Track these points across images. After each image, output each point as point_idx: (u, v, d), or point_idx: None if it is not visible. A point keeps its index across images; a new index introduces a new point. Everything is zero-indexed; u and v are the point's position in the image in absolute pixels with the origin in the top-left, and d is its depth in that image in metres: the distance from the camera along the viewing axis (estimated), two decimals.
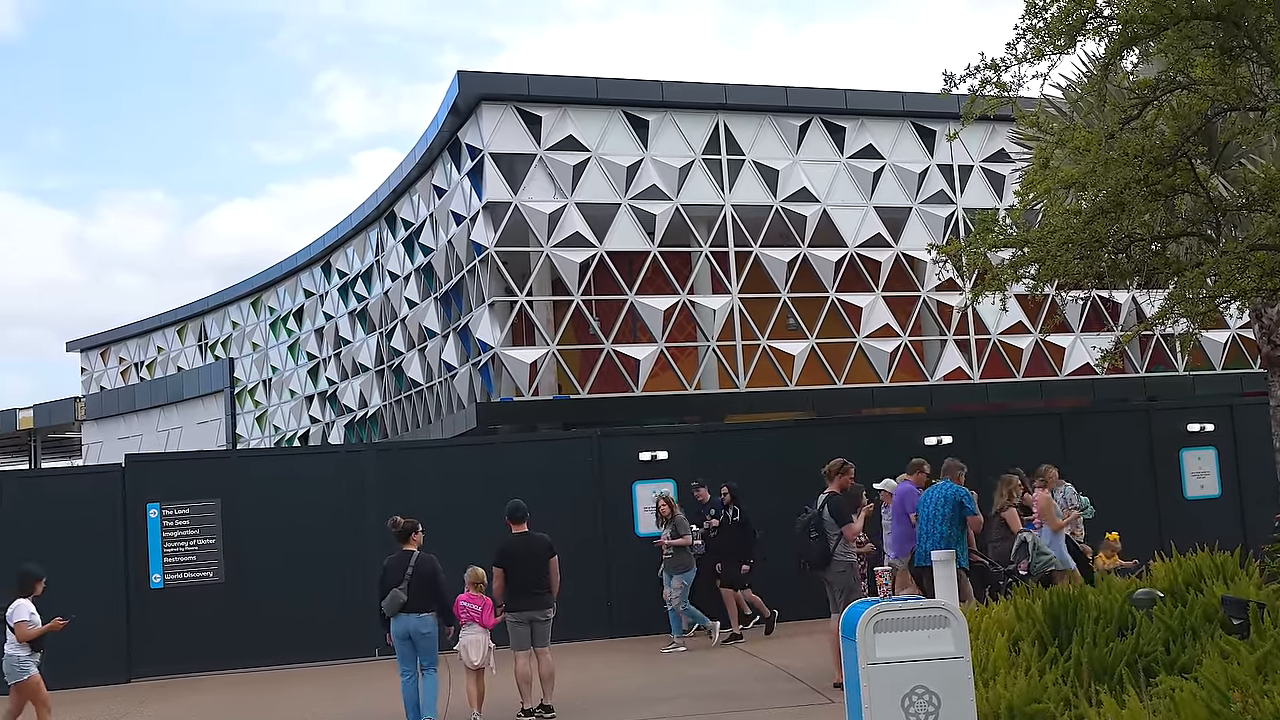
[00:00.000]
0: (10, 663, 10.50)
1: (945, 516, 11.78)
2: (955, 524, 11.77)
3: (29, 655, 10.50)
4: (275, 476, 16.78)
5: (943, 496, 11.92)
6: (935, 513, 11.89)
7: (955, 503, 11.84)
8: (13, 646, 10.49)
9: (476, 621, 11.05)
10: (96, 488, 16.43)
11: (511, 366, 28.15)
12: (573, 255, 28.50)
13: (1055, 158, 11.91)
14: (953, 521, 11.76)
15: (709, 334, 29.74)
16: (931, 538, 11.73)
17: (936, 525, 11.79)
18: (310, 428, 44.34)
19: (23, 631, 10.42)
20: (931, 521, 11.88)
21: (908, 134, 31.48)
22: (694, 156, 29.92)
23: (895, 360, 30.74)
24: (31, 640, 10.48)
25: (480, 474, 16.51)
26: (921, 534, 12.05)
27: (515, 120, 28.72)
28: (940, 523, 11.76)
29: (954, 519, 11.77)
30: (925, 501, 12.17)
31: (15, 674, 10.46)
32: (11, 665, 10.47)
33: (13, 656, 10.48)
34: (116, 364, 58.24)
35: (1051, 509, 13.59)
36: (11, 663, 10.46)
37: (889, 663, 6.49)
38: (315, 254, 43.33)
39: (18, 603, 10.64)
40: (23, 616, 10.51)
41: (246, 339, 49.91)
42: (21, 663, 10.45)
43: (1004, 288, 13.51)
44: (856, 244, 30.72)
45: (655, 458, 17.29)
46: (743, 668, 13.27)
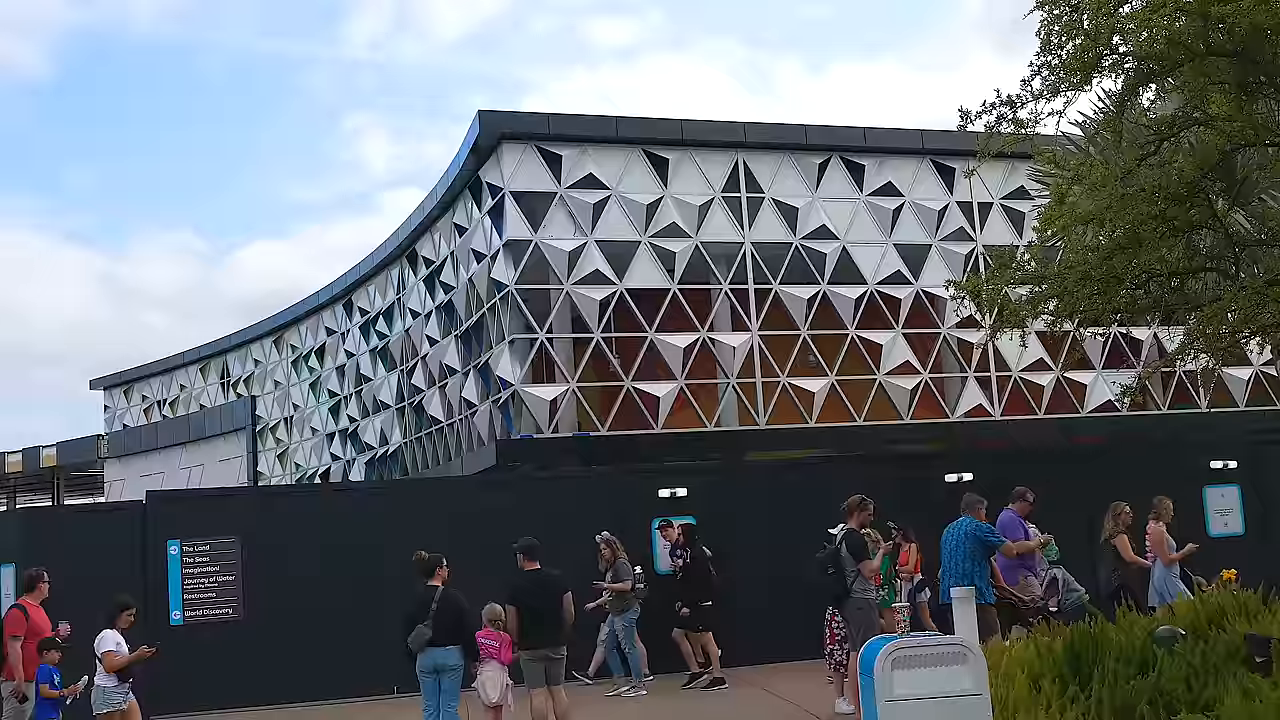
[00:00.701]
0: (99, 694, 10.49)
1: (967, 553, 11.71)
2: (977, 560, 11.70)
3: (116, 685, 10.53)
4: (296, 514, 16.74)
5: (963, 533, 11.85)
6: (958, 548, 11.81)
7: (975, 539, 11.76)
8: (101, 677, 10.54)
9: (494, 658, 11.02)
10: (117, 524, 16.41)
11: (531, 404, 28.32)
12: (593, 293, 28.72)
13: (1072, 194, 11.91)
14: (974, 558, 11.69)
15: (729, 371, 29.84)
16: (956, 574, 11.65)
17: (959, 561, 11.71)
18: (331, 465, 44.63)
19: (110, 661, 10.46)
20: (955, 557, 11.80)
21: (927, 171, 31.67)
22: (714, 194, 30.16)
23: (916, 397, 30.79)
24: (119, 670, 10.52)
25: (500, 511, 16.16)
26: (945, 571, 11.99)
27: (536, 159, 29.04)
28: (962, 559, 11.69)
29: (975, 555, 11.70)
30: (947, 539, 12.08)
31: (103, 704, 10.51)
32: (100, 696, 10.50)
33: (101, 687, 10.51)
34: (139, 401, 58.81)
35: (1164, 542, 13.44)
36: (100, 694, 10.50)
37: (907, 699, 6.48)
38: (337, 292, 43.76)
39: (104, 633, 10.70)
40: (109, 646, 10.56)
41: (268, 377, 50.35)
42: (109, 694, 10.51)
43: (1023, 324, 13.57)
44: (876, 281, 30.85)
45: (675, 494, 17.05)
46: (762, 706, 13.16)
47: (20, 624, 11.18)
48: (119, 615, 10.85)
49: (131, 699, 10.72)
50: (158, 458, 53.56)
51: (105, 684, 10.47)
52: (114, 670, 10.47)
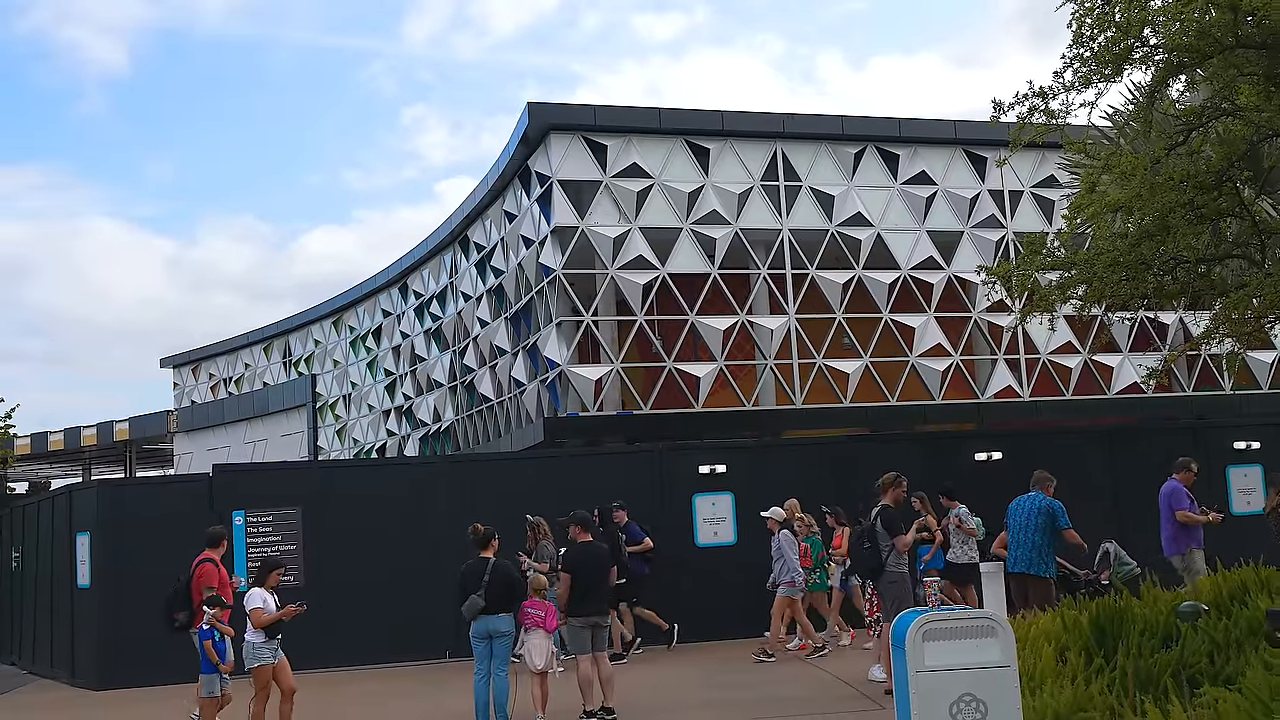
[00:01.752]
0: (248, 649, 10.67)
1: (1038, 526, 12.03)
2: (1047, 533, 12.04)
3: (265, 641, 10.69)
4: (354, 487, 17.22)
5: (1036, 507, 12.15)
6: (1028, 522, 12.12)
7: (1048, 513, 12.08)
8: (251, 634, 10.69)
9: (540, 627, 11.27)
10: (186, 496, 16.91)
11: (577, 383, 29.30)
12: (636, 277, 29.65)
13: (1102, 182, 12.02)
14: (1044, 531, 12.02)
15: (767, 353, 30.69)
16: (1023, 545, 12.04)
17: (1030, 534, 12.04)
18: (387, 440, 45.81)
19: (257, 618, 10.62)
20: (1025, 530, 12.11)
21: (960, 161, 32.33)
22: (753, 183, 31.00)
23: (947, 379, 31.52)
24: (266, 626, 10.68)
25: (547, 486, 16.82)
26: (1013, 541, 12.28)
27: (582, 149, 29.95)
28: (1034, 532, 12.02)
29: (1046, 529, 12.03)
30: (1017, 510, 12.37)
31: (253, 659, 10.68)
32: (250, 651, 10.68)
33: (250, 643, 10.69)
34: (206, 379, 60.24)
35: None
36: (249, 649, 10.69)
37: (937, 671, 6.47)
38: (393, 276, 44.91)
39: (252, 591, 10.87)
40: (256, 604, 10.68)
41: (328, 356, 51.60)
42: (258, 649, 10.66)
43: (1052, 308, 13.76)
44: (909, 266, 31.60)
45: (714, 471, 17.58)
46: (796, 674, 13.36)
47: (212, 576, 11.92)
48: (267, 575, 11.03)
49: (281, 655, 10.90)
50: (224, 433, 54.87)
51: (254, 640, 10.68)
52: (261, 626, 10.64)
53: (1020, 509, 12.37)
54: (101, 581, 16.26)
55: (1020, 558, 12.13)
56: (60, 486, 31.39)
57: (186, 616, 11.97)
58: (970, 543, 14.75)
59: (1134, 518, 17.00)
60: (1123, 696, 7.72)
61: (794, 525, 15.01)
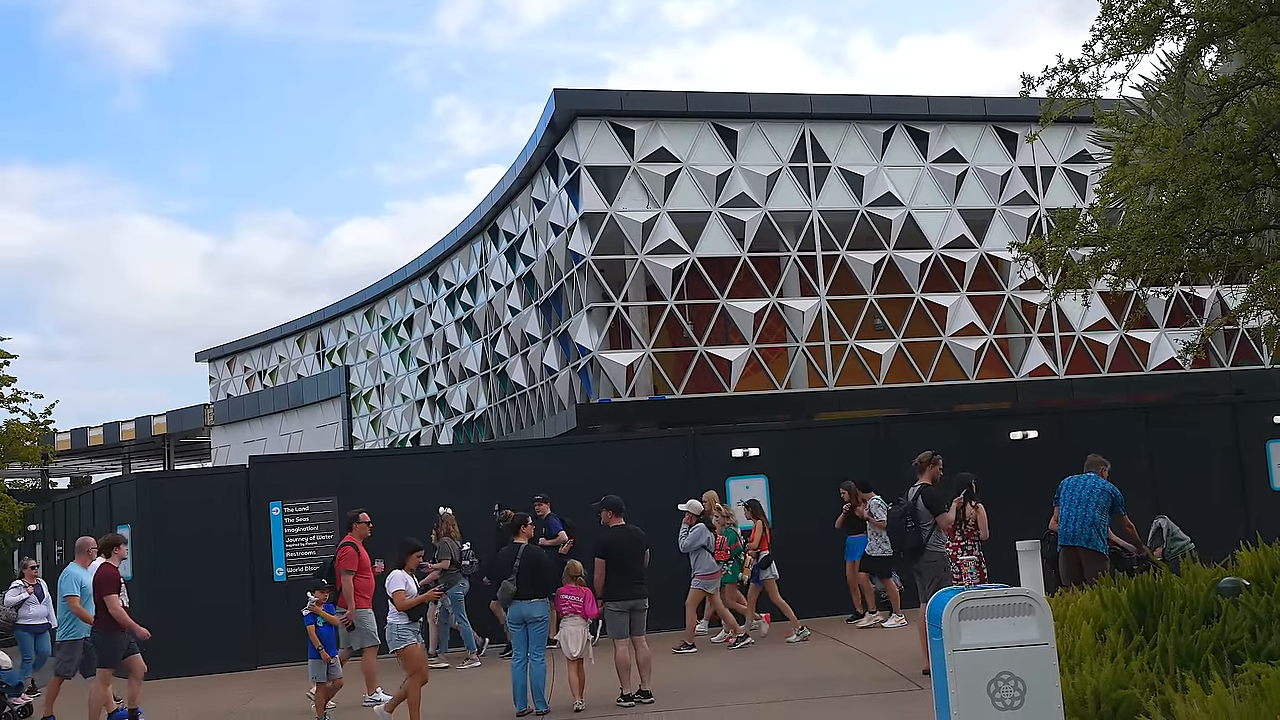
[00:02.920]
0: (392, 631, 10.73)
1: (1097, 503, 12.12)
2: (1106, 512, 12.10)
3: (407, 624, 10.76)
4: (389, 476, 17.35)
5: (1096, 486, 12.26)
6: (1087, 498, 12.19)
7: (1110, 495, 12.19)
8: (394, 616, 10.74)
9: (577, 613, 11.30)
10: (223, 487, 17.21)
11: (609, 369, 29.38)
12: (666, 262, 29.64)
13: (1134, 156, 11.81)
14: (1104, 510, 12.10)
15: (798, 335, 30.66)
16: (1081, 520, 12.10)
17: (1089, 510, 12.11)
18: (421, 430, 46.04)
19: (400, 600, 10.69)
20: (1083, 505, 12.16)
21: (990, 138, 32.12)
22: (781, 165, 30.92)
23: (981, 358, 31.37)
24: (408, 609, 10.78)
25: (581, 472, 16.84)
26: (1067, 516, 12.31)
27: (609, 134, 29.98)
28: (1092, 508, 12.11)
29: (1105, 507, 12.11)
30: (1072, 486, 12.40)
31: (397, 641, 10.74)
32: (394, 633, 10.74)
33: (394, 625, 10.75)
34: (242, 372, 60.74)
35: None
36: (393, 631, 10.75)
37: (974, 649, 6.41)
38: (423, 266, 45.06)
39: (393, 574, 10.94)
40: (398, 586, 10.78)
41: (361, 347, 51.90)
42: (401, 631, 10.72)
43: (1087, 284, 13.52)
44: (941, 246, 31.45)
45: (747, 454, 17.59)
46: (833, 655, 13.46)
47: (353, 560, 12.33)
48: (407, 557, 11.14)
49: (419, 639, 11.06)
50: (259, 425, 55.36)
51: (398, 622, 10.72)
52: (404, 609, 10.71)
53: (1077, 486, 12.40)
54: (142, 573, 16.43)
55: (1076, 532, 12.16)
56: (100, 481, 31.78)
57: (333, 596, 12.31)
58: (884, 535, 14.58)
59: (1171, 495, 16.97)
60: (1163, 673, 7.65)
61: (712, 518, 15.09)
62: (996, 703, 6.39)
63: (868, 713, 10.09)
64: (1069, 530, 12.26)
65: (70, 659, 12.80)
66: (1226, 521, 17.21)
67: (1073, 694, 7.41)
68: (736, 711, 10.74)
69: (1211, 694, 6.63)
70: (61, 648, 13.02)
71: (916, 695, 10.33)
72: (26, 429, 30.22)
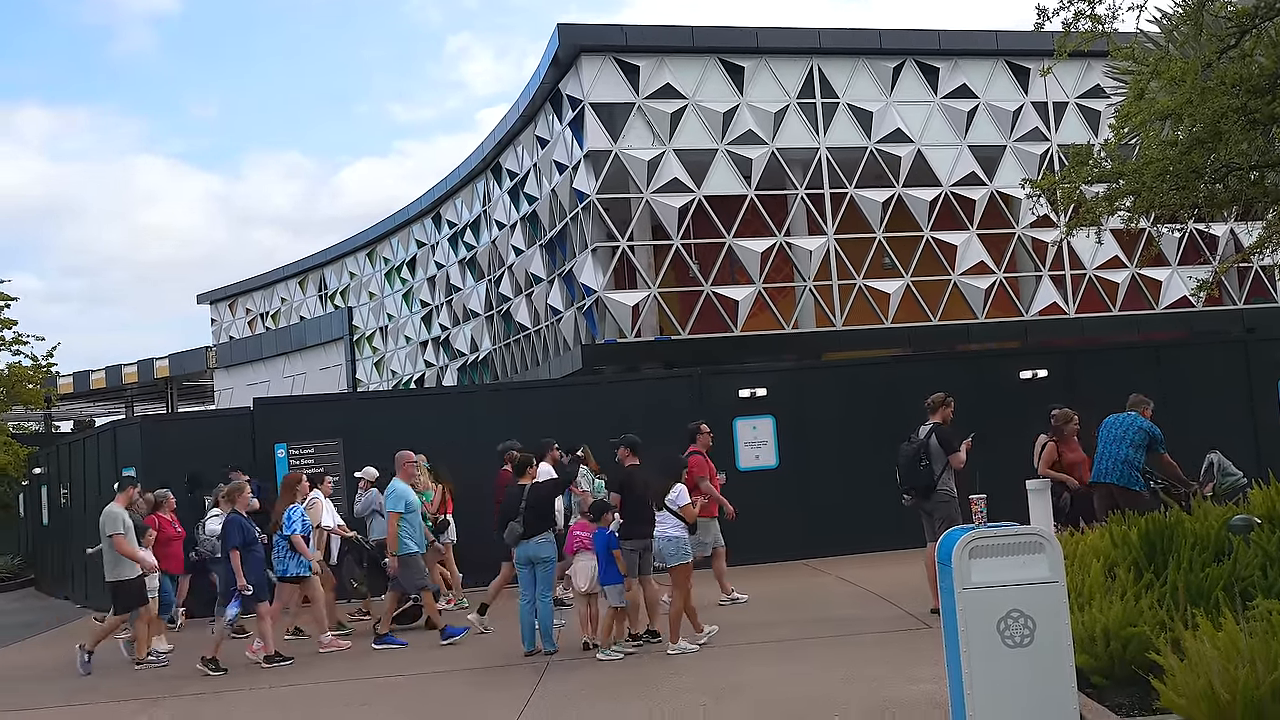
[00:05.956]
0: (677, 544, 10.79)
1: (1133, 441, 11.96)
2: (1141, 450, 11.95)
3: (689, 538, 10.87)
4: (393, 417, 17.26)
5: (1135, 424, 12.08)
6: (1122, 435, 12.05)
7: (1147, 433, 12.00)
8: (678, 529, 10.81)
9: (588, 549, 11.28)
10: (228, 430, 17.09)
11: (614, 309, 29.26)
12: (672, 200, 29.38)
13: (1150, 89, 11.65)
14: (1139, 447, 11.94)
15: (805, 274, 30.45)
16: (1113, 457, 11.99)
17: (1123, 447, 11.97)
18: (425, 371, 46.02)
19: (689, 513, 10.82)
20: (1118, 444, 12.03)
21: (1002, 73, 31.63)
22: (789, 101, 30.52)
23: (990, 297, 31.15)
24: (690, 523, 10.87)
25: (587, 413, 16.71)
26: (1101, 453, 12.20)
27: (614, 70, 29.59)
28: (1126, 445, 11.96)
29: (1141, 445, 11.96)
30: (1110, 425, 12.27)
31: (679, 556, 10.79)
32: (679, 546, 10.80)
33: (678, 539, 10.82)
34: (244, 315, 60.77)
35: None
36: (678, 544, 10.81)
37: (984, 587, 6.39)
38: (425, 206, 44.79)
39: (678, 486, 10.99)
40: (687, 500, 10.87)
41: (363, 288, 51.82)
42: (684, 544, 10.82)
43: (1099, 221, 13.49)
44: (951, 183, 31.11)
45: (755, 394, 17.47)
46: (842, 594, 13.47)
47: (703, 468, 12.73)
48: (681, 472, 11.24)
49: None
50: (262, 367, 55.34)
51: (683, 535, 10.83)
52: (692, 521, 10.92)
53: (1115, 424, 12.25)
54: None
55: (1107, 469, 12.03)
56: (105, 424, 31.70)
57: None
58: None
59: (1182, 434, 16.74)
60: (1174, 611, 7.60)
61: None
62: (1006, 640, 6.36)
63: (877, 652, 10.05)
64: (1100, 467, 12.17)
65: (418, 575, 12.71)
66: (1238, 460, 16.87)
67: (1082, 632, 7.38)
68: (747, 650, 10.71)
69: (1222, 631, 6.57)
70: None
71: (926, 633, 10.35)
72: (29, 372, 30.11)
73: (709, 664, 10.19)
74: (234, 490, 12.42)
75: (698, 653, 10.63)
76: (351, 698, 10.19)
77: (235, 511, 12.07)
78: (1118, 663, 7.40)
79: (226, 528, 12.00)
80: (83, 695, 11.25)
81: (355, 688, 10.59)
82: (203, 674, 11.46)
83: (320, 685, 10.84)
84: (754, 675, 9.65)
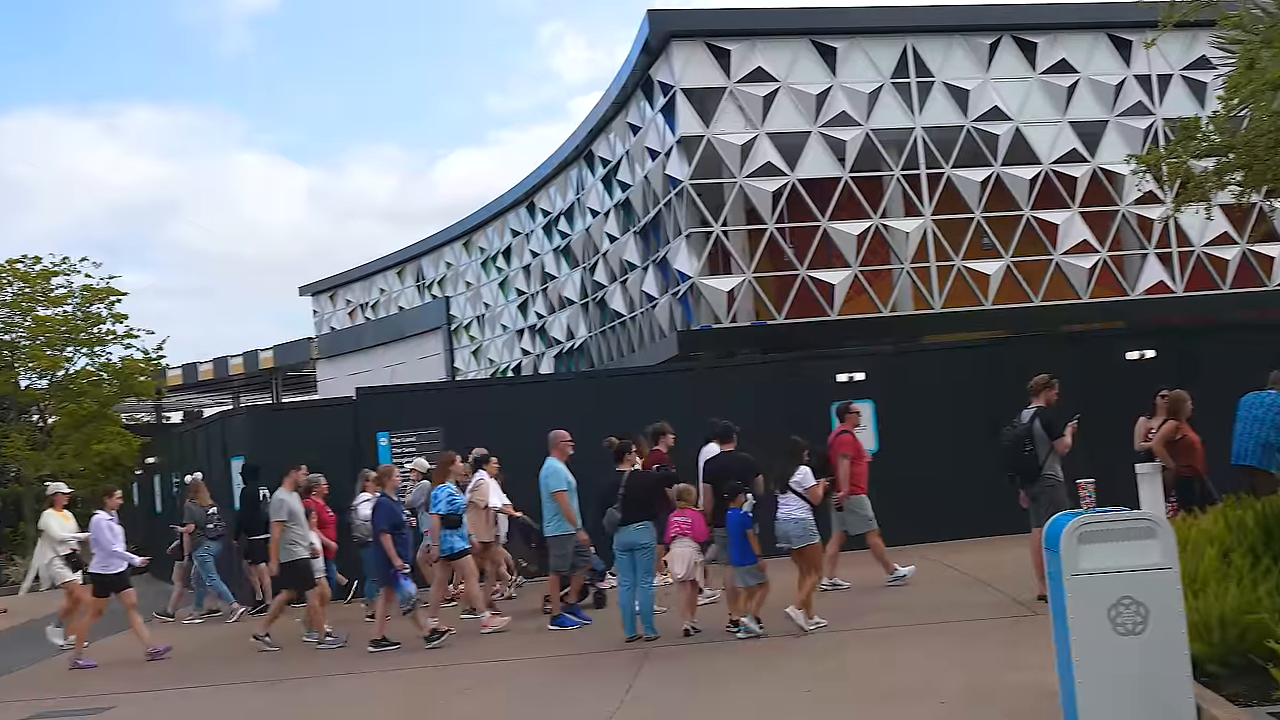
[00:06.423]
0: (803, 526, 10.88)
1: (1273, 422, 11.55)
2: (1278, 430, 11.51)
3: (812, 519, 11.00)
4: (492, 405, 17.31)
5: (1275, 404, 11.65)
6: (1264, 416, 11.64)
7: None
8: (804, 511, 10.93)
9: (686, 535, 11.25)
10: (332, 419, 17.34)
11: (709, 295, 29.17)
12: (765, 184, 29.18)
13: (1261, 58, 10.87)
14: (1276, 428, 11.50)
15: (902, 256, 30.05)
16: (1253, 438, 11.62)
17: (1264, 429, 11.58)
18: (522, 359, 46.40)
19: (815, 494, 10.96)
20: (1259, 424, 11.63)
21: (1103, 46, 30.84)
22: (883, 81, 30.11)
23: (1094, 276, 30.44)
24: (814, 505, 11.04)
25: (683, 399, 16.51)
26: (1239, 434, 11.81)
27: (705, 55, 29.44)
28: (1269, 428, 11.55)
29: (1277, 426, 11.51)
30: (1248, 404, 11.88)
31: (807, 537, 10.89)
32: (801, 528, 10.89)
33: (804, 520, 10.91)
34: (344, 305, 61.82)
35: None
36: (803, 526, 10.90)
37: (1094, 574, 6.22)
38: (520, 195, 45.09)
39: (802, 468, 11.07)
40: (811, 481, 11.01)
41: (460, 278, 52.35)
42: (810, 526, 10.92)
43: (1208, 197, 12.84)
44: (1051, 160, 30.43)
45: (852, 379, 17.20)
46: (946, 580, 13.33)
47: (849, 446, 12.97)
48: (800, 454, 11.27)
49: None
50: (363, 357, 56.14)
51: (809, 518, 10.92)
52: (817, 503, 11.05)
53: (1253, 404, 11.83)
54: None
55: (1246, 450, 11.63)
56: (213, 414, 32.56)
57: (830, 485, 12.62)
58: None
59: None
60: None
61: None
62: (1118, 628, 6.20)
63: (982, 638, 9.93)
64: (1238, 448, 11.75)
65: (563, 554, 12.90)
66: None
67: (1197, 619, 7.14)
68: (851, 637, 10.66)
69: None
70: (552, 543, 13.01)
71: (1032, 620, 10.14)
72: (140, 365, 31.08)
73: (811, 650, 10.15)
74: (383, 473, 12.63)
75: (801, 639, 10.57)
76: (457, 682, 10.33)
77: (384, 494, 12.27)
78: (1234, 651, 7.17)
79: (376, 510, 12.22)
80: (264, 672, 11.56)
81: (462, 672, 10.73)
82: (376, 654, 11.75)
83: (425, 669, 11.03)
84: (856, 661, 9.61)
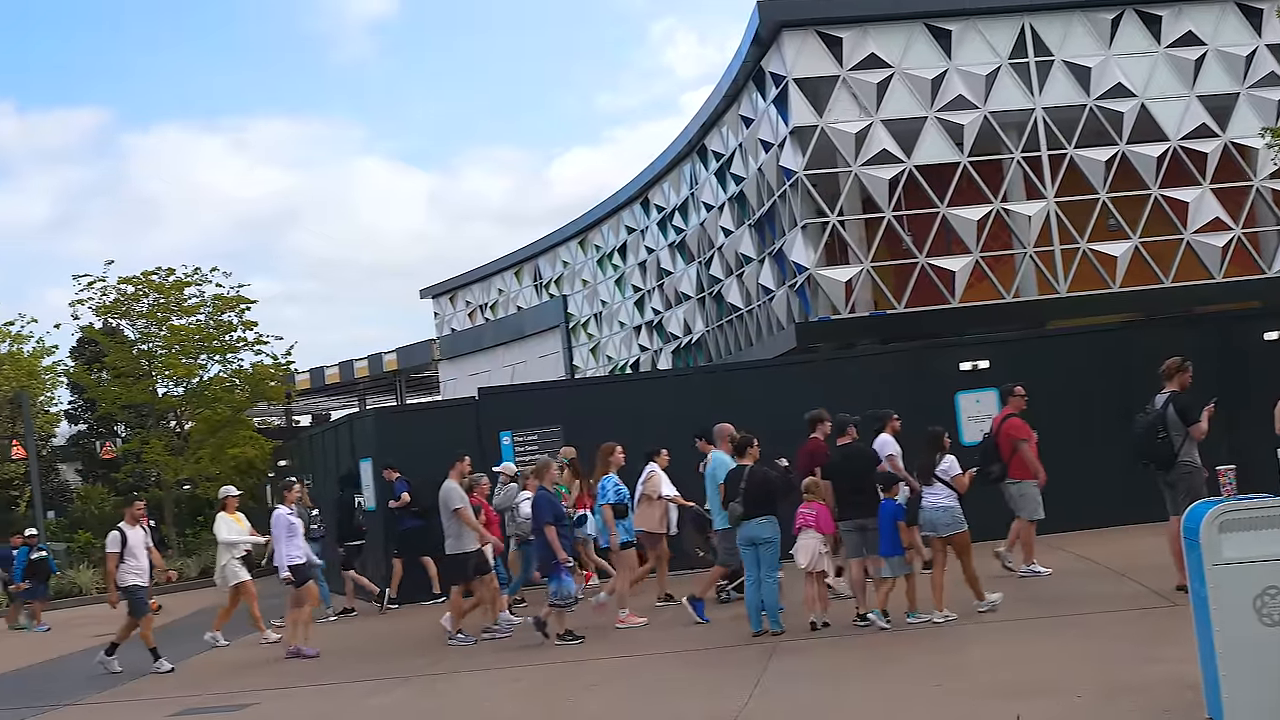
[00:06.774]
0: (951, 514, 10.87)
1: None
2: None
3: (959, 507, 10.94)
4: (612, 402, 17.35)
5: None
6: None
7: None
8: (950, 499, 10.91)
9: (812, 527, 11.21)
10: (456, 419, 17.65)
11: (827, 286, 28.90)
12: (881, 172, 28.81)
13: None
14: None
15: (1025, 241, 29.37)
16: None
17: None
18: (640, 355, 46.61)
19: (960, 482, 10.95)
20: None
21: (1231, 15, 29.69)
22: (1000, 62, 29.45)
23: (1228, 255, 29.35)
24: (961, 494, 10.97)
25: (803, 391, 16.07)
26: None
27: (816, 44, 29.15)
28: None
29: None
30: None
31: (955, 525, 10.90)
32: (948, 516, 10.89)
33: (951, 508, 10.88)
34: (464, 307, 62.87)
35: None
36: (953, 513, 10.89)
37: (1237, 563, 6.05)
38: (634, 192, 45.26)
39: (949, 458, 11.08)
40: (957, 470, 11.01)
41: (576, 276, 52.80)
42: (957, 513, 10.89)
43: None
44: (1179, 136, 29.42)
45: (976, 367, 16.99)
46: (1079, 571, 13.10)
47: (1022, 430, 12.94)
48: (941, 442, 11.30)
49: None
50: (483, 358, 56.88)
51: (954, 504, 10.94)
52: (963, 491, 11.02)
53: None
54: (382, 505, 17.06)
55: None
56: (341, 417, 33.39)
57: (1000, 469, 12.85)
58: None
59: None
60: None
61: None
62: (1264, 619, 6.00)
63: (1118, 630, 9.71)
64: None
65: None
66: None
67: None
68: (980, 630, 10.48)
69: None
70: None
71: (1171, 611, 9.82)
72: (270, 370, 32.03)
73: (940, 644, 10.04)
74: (541, 467, 12.76)
75: (929, 631, 10.47)
76: (586, 678, 10.41)
77: (543, 488, 12.38)
78: None
79: (537, 504, 12.32)
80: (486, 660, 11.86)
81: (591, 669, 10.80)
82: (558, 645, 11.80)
83: (555, 665, 11.14)
84: (987, 655, 9.47)
